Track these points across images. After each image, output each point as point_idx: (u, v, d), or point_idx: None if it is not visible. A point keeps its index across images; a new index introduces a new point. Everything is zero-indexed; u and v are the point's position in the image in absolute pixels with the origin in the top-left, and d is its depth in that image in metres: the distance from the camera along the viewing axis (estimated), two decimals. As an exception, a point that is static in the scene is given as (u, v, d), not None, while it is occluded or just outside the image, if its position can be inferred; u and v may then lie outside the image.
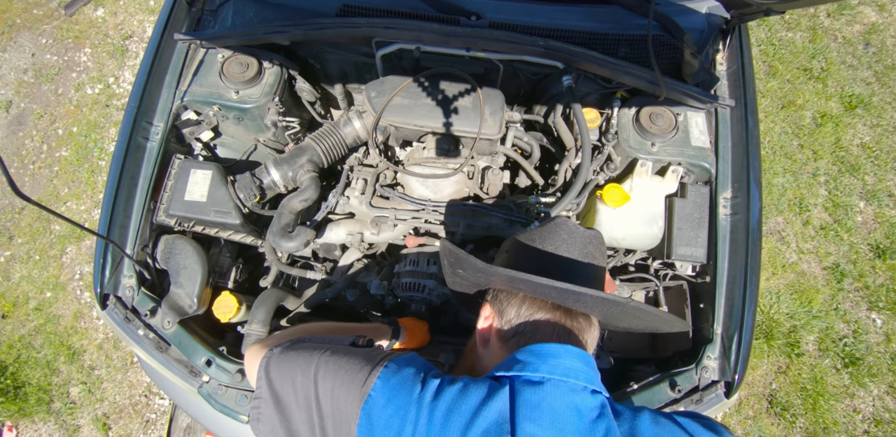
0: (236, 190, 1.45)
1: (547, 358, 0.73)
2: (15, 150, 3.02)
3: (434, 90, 1.47)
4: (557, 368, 0.72)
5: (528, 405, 0.66)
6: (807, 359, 2.50)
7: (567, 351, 0.74)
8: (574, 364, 0.73)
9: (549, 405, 0.67)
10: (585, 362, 0.74)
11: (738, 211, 1.41)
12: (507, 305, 0.84)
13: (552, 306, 0.81)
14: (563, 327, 0.80)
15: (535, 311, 0.81)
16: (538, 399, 0.67)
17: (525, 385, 0.69)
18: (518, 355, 0.75)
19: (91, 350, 2.58)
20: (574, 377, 0.71)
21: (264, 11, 1.56)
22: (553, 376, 0.70)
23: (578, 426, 0.66)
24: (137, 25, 3.31)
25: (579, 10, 1.51)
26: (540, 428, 0.64)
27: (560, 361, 0.73)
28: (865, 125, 3.03)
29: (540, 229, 0.93)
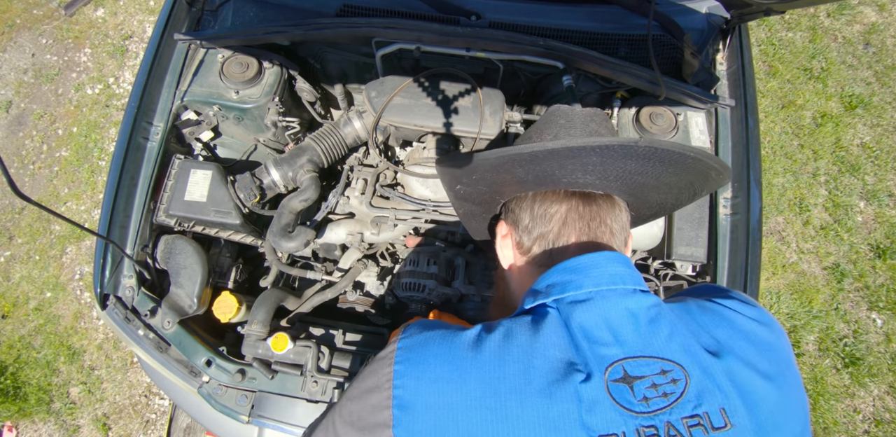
0: (236, 190, 1.45)
1: (588, 270, 0.65)
2: (15, 150, 3.03)
3: (434, 90, 1.47)
4: (601, 278, 0.64)
5: (587, 328, 0.60)
6: (807, 359, 2.50)
7: (605, 258, 0.66)
8: (617, 270, 0.65)
9: (605, 321, 0.60)
10: (626, 265, 0.67)
11: (739, 211, 1.41)
12: (519, 210, 0.76)
13: (565, 195, 0.72)
14: (582, 216, 0.71)
15: (548, 205, 0.73)
16: (593, 318, 0.61)
17: (574, 307, 0.62)
18: (550, 277, 0.67)
19: (91, 350, 2.58)
20: (622, 283, 0.64)
21: (264, 11, 1.56)
22: (600, 287, 0.63)
23: (639, 332, 0.60)
24: (137, 25, 3.31)
25: (579, 10, 1.51)
26: (609, 348, 0.58)
27: (602, 270, 0.65)
28: (865, 125, 3.03)
29: (535, 124, 0.84)
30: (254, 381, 1.32)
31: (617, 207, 0.74)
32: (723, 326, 0.64)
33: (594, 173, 0.70)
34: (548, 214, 0.73)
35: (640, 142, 0.63)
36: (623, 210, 0.76)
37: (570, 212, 0.72)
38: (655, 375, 0.57)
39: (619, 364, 0.57)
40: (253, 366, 1.33)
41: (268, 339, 1.34)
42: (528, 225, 0.74)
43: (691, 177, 0.74)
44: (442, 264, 1.46)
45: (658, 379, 0.56)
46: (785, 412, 0.58)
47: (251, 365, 1.34)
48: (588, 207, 0.72)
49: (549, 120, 0.82)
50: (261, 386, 1.32)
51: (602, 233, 0.72)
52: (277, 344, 1.33)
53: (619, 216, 0.74)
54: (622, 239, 0.74)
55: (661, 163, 0.68)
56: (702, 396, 0.56)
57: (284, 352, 1.33)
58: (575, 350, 0.58)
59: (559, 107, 0.82)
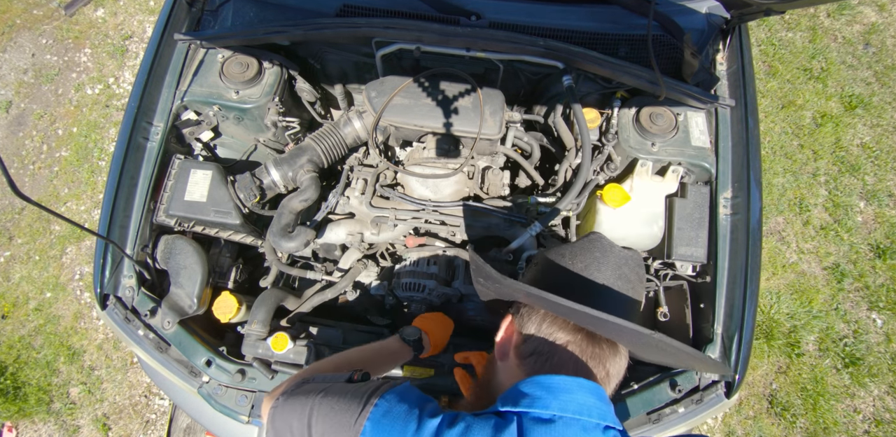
0: (236, 190, 1.45)
1: (558, 393, 0.68)
2: (15, 150, 3.02)
3: (434, 90, 1.47)
4: (570, 404, 0.67)
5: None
6: (807, 359, 2.50)
7: (580, 385, 0.70)
8: (587, 400, 0.68)
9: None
10: (599, 397, 0.70)
11: (739, 211, 1.41)
12: (528, 320, 0.79)
13: (574, 328, 0.76)
14: (583, 352, 0.75)
15: (555, 330, 0.76)
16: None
17: (534, 424, 0.65)
18: (525, 387, 0.71)
19: (91, 351, 2.58)
20: (587, 415, 0.66)
21: (264, 12, 1.56)
22: (565, 413, 0.66)
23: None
24: (137, 25, 3.31)
25: (579, 10, 1.51)
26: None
27: (572, 396, 0.68)
28: (865, 125, 3.03)
29: (572, 245, 0.88)
30: (254, 381, 1.32)
31: (618, 355, 0.77)
32: None
33: (606, 331, 0.75)
34: (553, 337, 0.76)
35: (655, 336, 0.68)
36: (623, 358, 0.78)
37: (574, 345, 0.75)
38: None
39: None
40: (253, 366, 1.33)
41: (268, 339, 1.34)
42: (531, 337, 0.77)
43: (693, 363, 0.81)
44: (442, 264, 1.46)
45: None
46: None
47: (251, 365, 1.34)
48: (592, 347, 0.75)
49: (587, 248, 0.85)
50: (261, 386, 1.32)
51: (597, 373, 0.75)
52: (277, 344, 1.33)
53: (618, 363, 0.77)
54: (614, 384, 0.78)
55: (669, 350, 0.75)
56: None
57: (284, 352, 1.33)
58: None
59: (601, 238, 0.87)
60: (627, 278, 0.82)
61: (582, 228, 1.57)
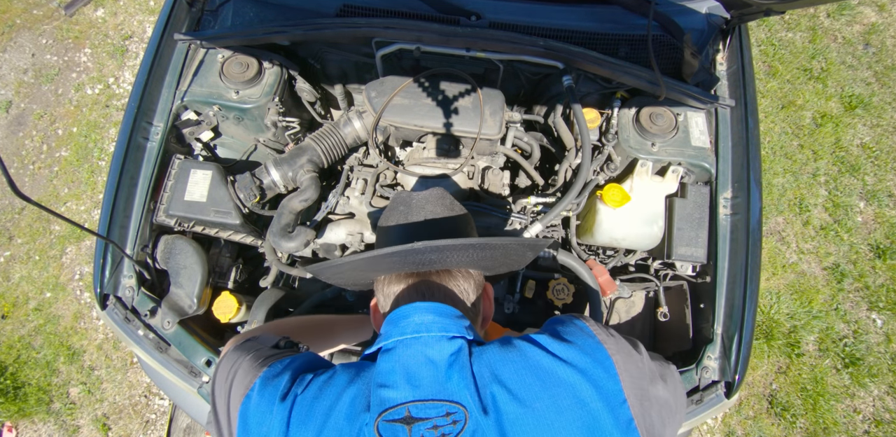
0: (236, 190, 1.45)
1: (397, 322, 0.74)
2: (15, 150, 3.02)
3: (434, 90, 1.47)
4: (407, 327, 0.72)
5: (381, 373, 0.67)
6: (807, 359, 2.50)
7: (415, 308, 0.74)
8: (424, 318, 0.72)
9: (403, 367, 0.67)
10: (438, 312, 0.73)
11: (739, 211, 1.41)
12: (378, 291, 0.86)
13: (404, 276, 0.82)
14: (419, 288, 0.80)
15: (393, 286, 0.82)
16: (391, 365, 0.68)
17: (382, 356, 0.70)
18: (381, 331, 0.76)
19: (91, 351, 2.58)
20: (426, 331, 0.71)
21: (264, 12, 1.56)
22: (404, 336, 0.71)
23: (436, 377, 0.66)
24: (137, 25, 3.31)
25: (579, 10, 1.51)
26: (397, 392, 0.64)
27: (409, 320, 0.73)
28: (865, 125, 3.03)
29: (385, 209, 0.96)
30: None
31: (454, 279, 0.82)
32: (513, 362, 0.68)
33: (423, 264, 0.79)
34: (392, 293, 0.82)
35: (416, 246, 0.73)
36: (462, 277, 0.83)
37: (407, 289, 0.81)
38: (439, 417, 0.63)
39: (403, 407, 0.63)
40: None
41: None
42: (380, 302, 0.84)
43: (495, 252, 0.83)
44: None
45: (440, 421, 0.62)
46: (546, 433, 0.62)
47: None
48: (422, 284, 0.81)
49: (392, 207, 0.94)
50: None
51: (437, 293, 0.80)
52: None
53: (457, 284, 0.82)
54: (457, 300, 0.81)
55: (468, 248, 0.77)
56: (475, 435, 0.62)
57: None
58: (371, 395, 0.66)
59: (399, 194, 0.95)
60: (436, 213, 0.90)
61: (582, 228, 1.57)
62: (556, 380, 0.65)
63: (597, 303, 1.41)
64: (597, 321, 0.76)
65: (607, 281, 1.44)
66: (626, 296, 1.58)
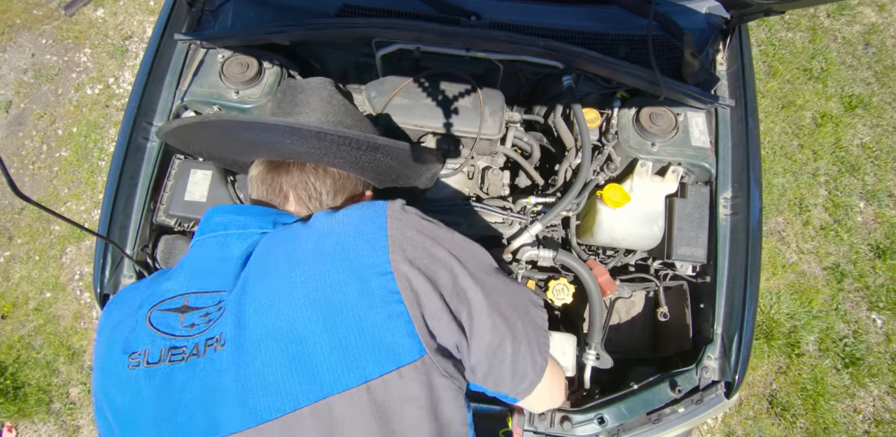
0: (236, 190, 1.45)
1: (204, 223, 0.78)
2: (15, 150, 3.02)
3: (434, 90, 1.47)
4: (206, 228, 0.76)
5: (174, 269, 0.74)
6: (807, 359, 2.50)
7: (217, 210, 0.78)
8: (224, 218, 0.75)
9: (191, 263, 0.72)
10: (238, 212, 0.77)
11: (739, 211, 1.41)
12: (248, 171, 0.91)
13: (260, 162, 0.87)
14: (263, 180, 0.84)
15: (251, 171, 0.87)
16: (182, 261, 0.74)
17: (185, 256, 0.76)
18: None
19: (91, 351, 2.58)
20: (223, 229, 0.74)
21: (264, 12, 1.56)
22: (202, 236, 0.75)
23: (225, 271, 0.69)
24: (137, 26, 3.31)
25: (579, 10, 1.51)
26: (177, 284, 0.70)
27: (210, 221, 0.76)
28: (865, 125, 3.03)
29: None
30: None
31: (301, 173, 0.84)
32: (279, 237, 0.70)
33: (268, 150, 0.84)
34: (250, 177, 0.88)
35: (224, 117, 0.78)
36: (314, 174, 0.84)
37: (256, 177, 0.86)
38: (212, 306, 0.66)
39: (181, 297, 0.68)
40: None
41: None
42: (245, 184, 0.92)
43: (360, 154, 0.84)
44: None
45: (211, 309, 0.66)
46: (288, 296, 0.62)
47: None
48: (270, 174, 0.84)
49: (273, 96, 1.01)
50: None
51: (274, 196, 0.83)
52: None
53: (306, 180, 0.84)
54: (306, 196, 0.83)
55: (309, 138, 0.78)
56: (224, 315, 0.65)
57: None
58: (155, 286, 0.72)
59: (285, 82, 0.97)
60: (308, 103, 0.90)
61: (582, 228, 1.57)
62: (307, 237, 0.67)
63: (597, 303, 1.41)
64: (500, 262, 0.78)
65: (607, 281, 1.44)
66: (626, 296, 1.58)
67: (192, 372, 0.61)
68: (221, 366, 0.60)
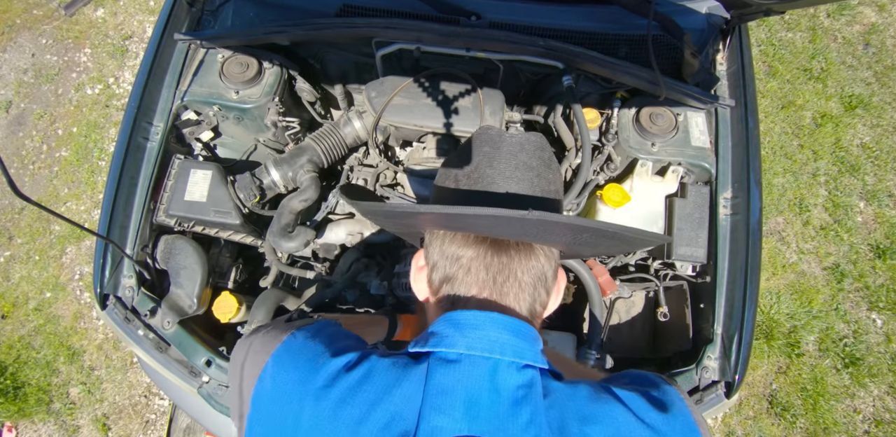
0: (236, 190, 1.45)
1: (466, 330, 0.60)
2: (15, 150, 3.02)
3: (434, 90, 1.47)
4: (478, 342, 0.59)
5: (438, 391, 0.55)
6: (807, 359, 2.50)
7: (491, 320, 0.61)
8: (499, 337, 0.59)
9: (465, 389, 0.55)
10: (514, 332, 0.61)
11: (739, 211, 1.41)
12: (432, 247, 0.69)
13: (475, 240, 0.66)
14: (490, 265, 0.65)
15: (456, 248, 0.66)
16: (452, 383, 0.56)
17: (440, 364, 0.58)
18: (435, 326, 0.63)
19: (91, 351, 2.58)
20: (500, 353, 0.58)
21: (264, 12, 1.56)
22: (473, 351, 0.58)
23: (497, 411, 0.54)
24: (137, 25, 3.31)
25: (579, 10, 1.51)
26: (450, 419, 0.53)
27: (483, 333, 0.59)
28: (865, 125, 3.03)
29: (464, 144, 0.76)
30: (254, 381, 1.32)
31: (533, 257, 0.66)
32: (603, 423, 0.56)
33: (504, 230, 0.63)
34: (455, 257, 0.66)
35: (530, 215, 0.54)
36: (542, 257, 0.67)
37: (476, 260, 0.65)
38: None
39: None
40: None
41: None
42: (437, 263, 0.68)
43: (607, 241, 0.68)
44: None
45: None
46: None
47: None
48: (497, 257, 0.65)
49: (476, 145, 0.73)
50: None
51: (509, 287, 0.65)
52: None
53: (535, 266, 0.66)
54: (537, 292, 0.67)
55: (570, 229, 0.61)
56: None
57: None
58: (416, 413, 0.54)
59: (488, 130, 0.74)
60: (528, 165, 0.70)
61: (582, 228, 1.57)
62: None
63: (597, 303, 1.41)
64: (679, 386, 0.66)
65: (607, 281, 1.44)
66: (626, 296, 1.58)
67: None
68: None
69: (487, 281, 0.65)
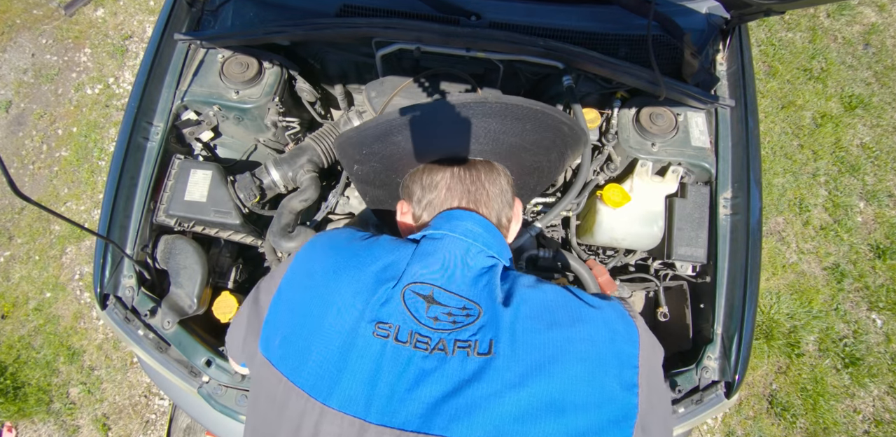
0: (236, 190, 1.45)
1: (451, 219, 0.77)
2: (15, 150, 3.02)
3: (434, 90, 1.47)
4: (458, 227, 0.76)
5: (423, 253, 0.73)
6: (807, 359, 2.50)
7: (471, 216, 0.78)
8: (475, 228, 0.76)
9: (442, 254, 0.72)
10: (485, 228, 0.77)
11: (739, 211, 1.41)
12: (412, 184, 0.86)
13: (448, 164, 0.83)
14: (462, 180, 0.82)
15: (433, 175, 0.83)
16: (433, 248, 0.73)
17: (427, 240, 0.76)
18: (431, 222, 0.80)
19: (91, 351, 2.58)
20: (472, 238, 0.74)
21: (264, 12, 1.56)
22: (453, 233, 0.75)
23: (464, 276, 0.70)
24: (137, 25, 3.31)
25: (579, 10, 1.51)
26: (427, 269, 0.70)
27: (462, 223, 0.76)
28: (865, 125, 3.03)
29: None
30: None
31: (495, 171, 0.85)
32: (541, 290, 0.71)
33: (463, 135, 0.81)
34: (434, 182, 0.83)
35: (490, 98, 0.75)
36: (501, 174, 0.86)
37: (453, 178, 0.82)
38: (456, 308, 0.68)
39: (430, 287, 0.69)
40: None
41: None
42: (419, 196, 0.84)
43: (548, 133, 0.86)
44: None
45: (455, 312, 0.68)
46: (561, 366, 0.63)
47: (251, 365, 1.34)
48: (468, 171, 0.83)
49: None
50: (261, 386, 1.31)
51: (480, 195, 0.82)
52: None
53: (498, 179, 0.85)
54: (502, 200, 0.84)
55: (517, 119, 0.80)
56: (481, 331, 0.66)
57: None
58: (405, 265, 0.71)
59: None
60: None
61: (582, 228, 1.57)
62: (577, 318, 0.67)
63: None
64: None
65: (607, 281, 1.44)
66: (626, 296, 1.58)
67: (438, 364, 0.63)
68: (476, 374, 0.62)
69: (464, 192, 0.82)
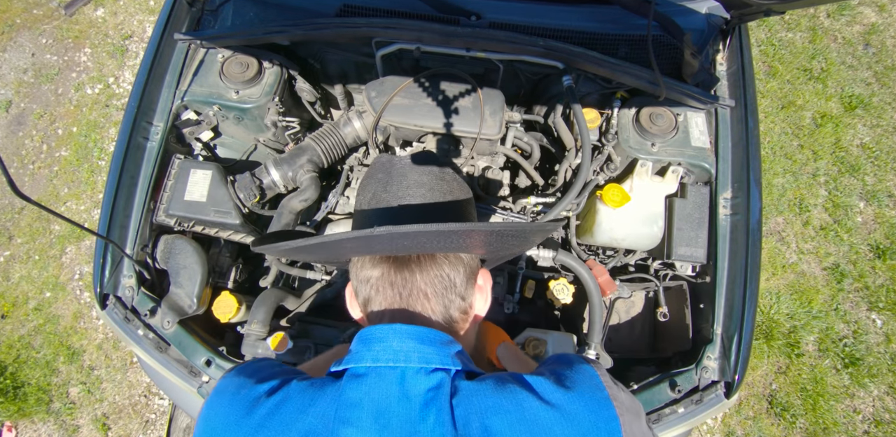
0: (236, 190, 1.45)
1: (371, 344, 0.64)
2: (15, 150, 3.02)
3: (434, 90, 1.47)
4: (383, 354, 0.62)
5: (348, 405, 0.58)
6: (807, 359, 2.50)
7: (394, 331, 0.64)
8: (403, 346, 0.63)
9: (372, 401, 0.58)
10: (420, 340, 0.63)
11: (738, 211, 1.41)
12: (351, 273, 0.75)
13: (381, 260, 0.70)
14: (394, 283, 0.69)
15: (366, 270, 0.71)
16: (359, 396, 0.58)
17: (350, 381, 0.61)
18: (354, 343, 0.66)
19: (91, 350, 2.58)
20: (404, 360, 0.61)
21: (264, 11, 1.56)
22: (378, 363, 0.61)
23: (408, 416, 0.57)
24: (137, 25, 3.31)
25: (579, 10, 1.51)
26: (359, 431, 0.56)
27: (386, 345, 0.63)
28: (865, 126, 3.03)
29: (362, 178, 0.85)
30: (253, 381, 1.32)
31: (436, 267, 0.70)
32: (504, 411, 0.58)
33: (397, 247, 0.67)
34: (366, 279, 0.71)
35: (377, 231, 0.59)
36: (446, 267, 0.70)
37: (382, 279, 0.70)
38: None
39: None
40: (253, 366, 1.33)
41: (267, 338, 1.34)
42: (357, 288, 0.74)
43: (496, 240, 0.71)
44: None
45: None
46: None
47: (251, 365, 1.34)
48: (399, 273, 0.69)
49: (370, 174, 0.82)
50: (260, 386, 1.31)
51: (414, 300, 0.69)
52: (277, 343, 1.33)
53: (438, 275, 0.70)
54: (451, 294, 0.71)
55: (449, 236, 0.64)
56: None
57: (284, 351, 1.33)
58: (329, 429, 0.57)
59: (380, 158, 0.82)
60: (420, 183, 0.77)
61: (582, 228, 1.57)
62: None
63: (597, 303, 1.41)
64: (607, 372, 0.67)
65: (607, 281, 1.45)
66: (626, 296, 1.58)
67: None
68: None
69: (395, 297, 0.69)
